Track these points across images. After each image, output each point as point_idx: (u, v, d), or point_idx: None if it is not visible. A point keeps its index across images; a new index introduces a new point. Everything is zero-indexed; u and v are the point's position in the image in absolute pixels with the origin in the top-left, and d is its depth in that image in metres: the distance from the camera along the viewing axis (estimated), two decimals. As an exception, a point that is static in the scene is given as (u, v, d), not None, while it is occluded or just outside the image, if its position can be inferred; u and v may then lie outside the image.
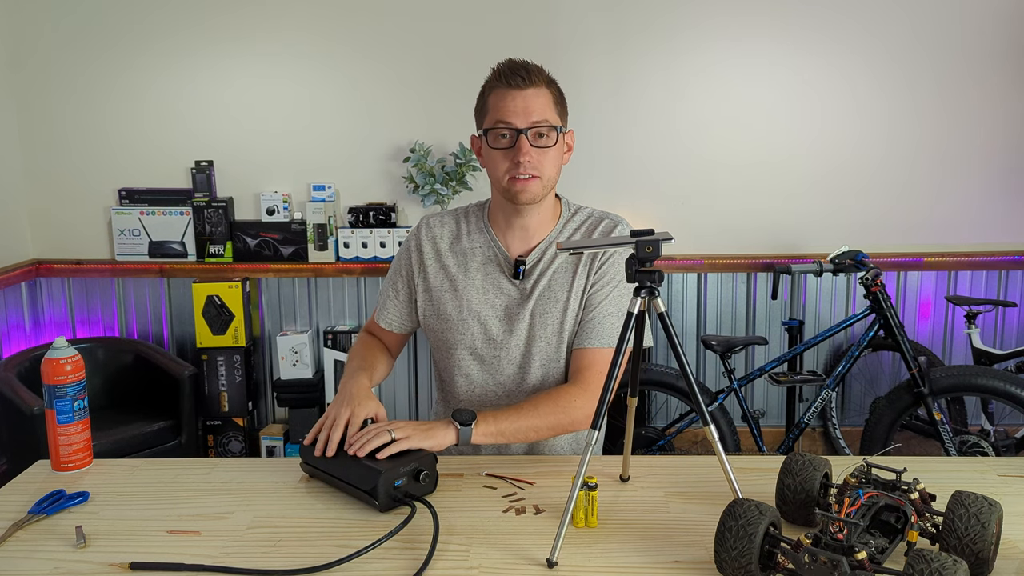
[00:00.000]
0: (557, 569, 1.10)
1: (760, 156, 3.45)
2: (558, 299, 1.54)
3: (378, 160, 3.47)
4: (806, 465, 1.18)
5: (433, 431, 1.37)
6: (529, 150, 1.47)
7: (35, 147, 3.48)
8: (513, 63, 1.51)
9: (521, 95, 1.48)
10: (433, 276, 1.62)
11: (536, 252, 1.56)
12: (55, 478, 1.41)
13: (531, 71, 1.49)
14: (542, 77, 1.51)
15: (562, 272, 1.55)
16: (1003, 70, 3.37)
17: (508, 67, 1.50)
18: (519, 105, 1.47)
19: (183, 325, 3.58)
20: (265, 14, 3.37)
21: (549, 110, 1.49)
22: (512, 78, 1.48)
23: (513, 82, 1.48)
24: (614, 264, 1.54)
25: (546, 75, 1.52)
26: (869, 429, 3.01)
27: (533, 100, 1.48)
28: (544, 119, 1.48)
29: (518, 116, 1.47)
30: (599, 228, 1.57)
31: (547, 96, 1.50)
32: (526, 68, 1.50)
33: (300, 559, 1.12)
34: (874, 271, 2.92)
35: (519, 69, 1.49)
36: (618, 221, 1.59)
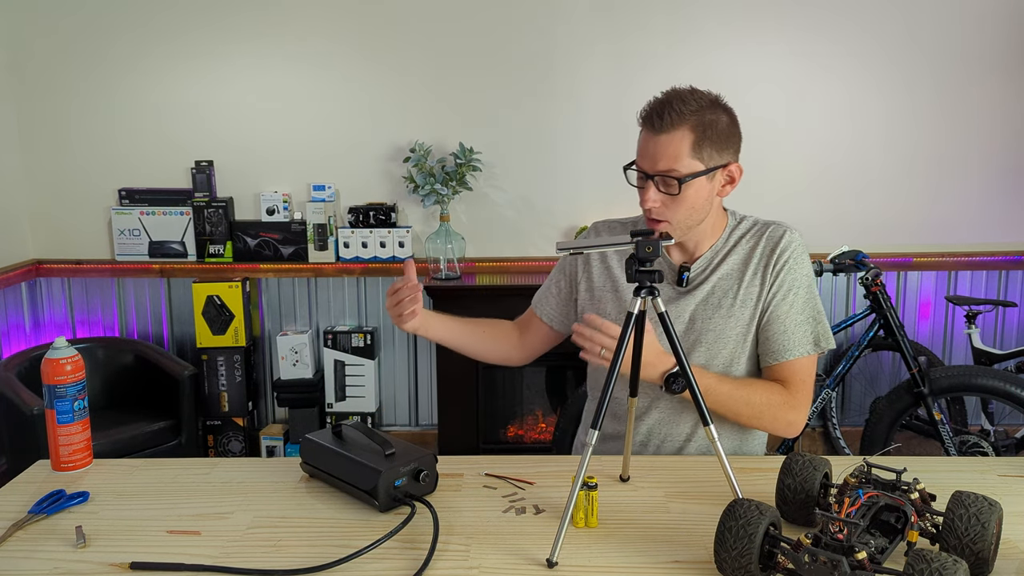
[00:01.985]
0: (557, 569, 1.09)
1: (760, 156, 3.44)
2: (721, 305, 1.52)
3: (378, 160, 3.47)
4: (806, 465, 1.18)
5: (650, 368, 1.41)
6: (655, 197, 1.43)
7: (35, 147, 3.48)
8: (656, 102, 1.43)
9: (654, 140, 1.41)
10: (597, 275, 1.62)
11: (700, 261, 1.54)
12: (55, 478, 1.41)
13: (668, 113, 1.40)
14: (683, 120, 1.40)
15: (727, 279, 1.53)
16: (1003, 70, 3.37)
17: (649, 106, 1.43)
18: (650, 150, 1.42)
19: (183, 325, 3.58)
20: (265, 15, 3.37)
21: (682, 158, 1.40)
22: (649, 119, 1.42)
23: (649, 124, 1.42)
24: (790, 271, 1.51)
25: (692, 116, 1.40)
26: (869, 429, 3.01)
27: (665, 147, 1.40)
28: (671, 169, 1.41)
29: (647, 161, 1.43)
30: (767, 236, 1.53)
31: (684, 141, 1.40)
32: (661, 110, 1.41)
33: (300, 559, 1.12)
34: (874, 271, 2.92)
35: (656, 110, 1.41)
36: (785, 228, 1.54)
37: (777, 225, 1.56)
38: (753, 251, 1.53)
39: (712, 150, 1.43)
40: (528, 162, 3.46)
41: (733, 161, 1.48)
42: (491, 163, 3.44)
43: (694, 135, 1.41)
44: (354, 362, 3.48)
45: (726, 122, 1.45)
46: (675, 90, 1.45)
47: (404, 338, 3.61)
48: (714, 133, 1.42)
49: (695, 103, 1.41)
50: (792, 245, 1.52)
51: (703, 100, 1.43)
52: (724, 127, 1.44)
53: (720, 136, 1.43)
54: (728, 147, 1.46)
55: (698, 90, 1.45)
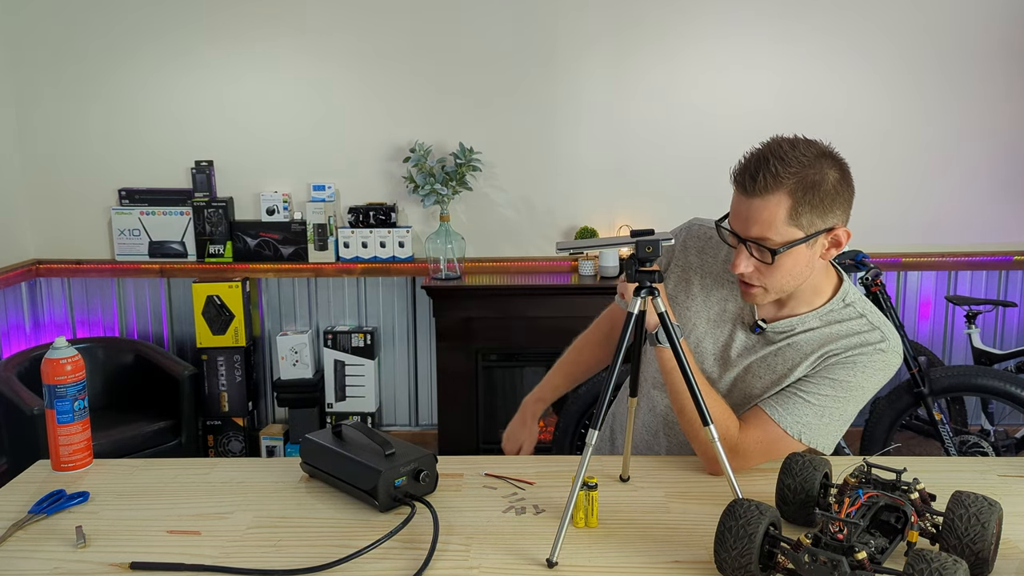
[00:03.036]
0: (557, 569, 1.09)
1: (760, 156, 3.45)
2: (775, 370, 1.40)
3: (378, 160, 3.47)
4: (806, 465, 1.17)
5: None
6: (747, 263, 1.31)
7: (35, 147, 3.48)
8: (751, 160, 1.28)
9: (748, 203, 1.28)
10: (675, 279, 1.51)
11: (784, 323, 1.40)
12: (55, 478, 1.41)
13: (763, 175, 1.25)
14: (781, 184, 1.25)
15: (795, 349, 1.39)
16: (1004, 70, 3.37)
17: (744, 162, 1.30)
18: (743, 212, 1.29)
19: (183, 325, 3.58)
20: (266, 15, 3.37)
21: (777, 225, 1.26)
22: (742, 180, 1.29)
23: (741, 185, 1.29)
24: (846, 370, 1.36)
25: (791, 180, 1.25)
26: (869, 429, 3.01)
27: (759, 212, 1.27)
28: (765, 237, 1.27)
29: (739, 223, 1.31)
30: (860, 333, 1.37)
31: (781, 207, 1.26)
32: (756, 171, 1.26)
33: (300, 559, 1.12)
34: (874, 271, 2.92)
35: (750, 171, 1.27)
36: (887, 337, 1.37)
37: (877, 328, 1.38)
38: (835, 337, 1.38)
39: (813, 215, 1.28)
40: (528, 162, 3.46)
41: (840, 224, 1.32)
42: (491, 163, 3.44)
43: (792, 200, 1.26)
44: (354, 362, 3.48)
45: (833, 181, 1.29)
46: (775, 144, 1.29)
47: (404, 338, 3.61)
48: (817, 196, 1.27)
49: (796, 162, 1.26)
50: (877, 355, 1.36)
51: (806, 157, 1.27)
52: (830, 188, 1.28)
53: (824, 199, 1.28)
54: (834, 209, 1.30)
55: (803, 141, 1.30)
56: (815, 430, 1.38)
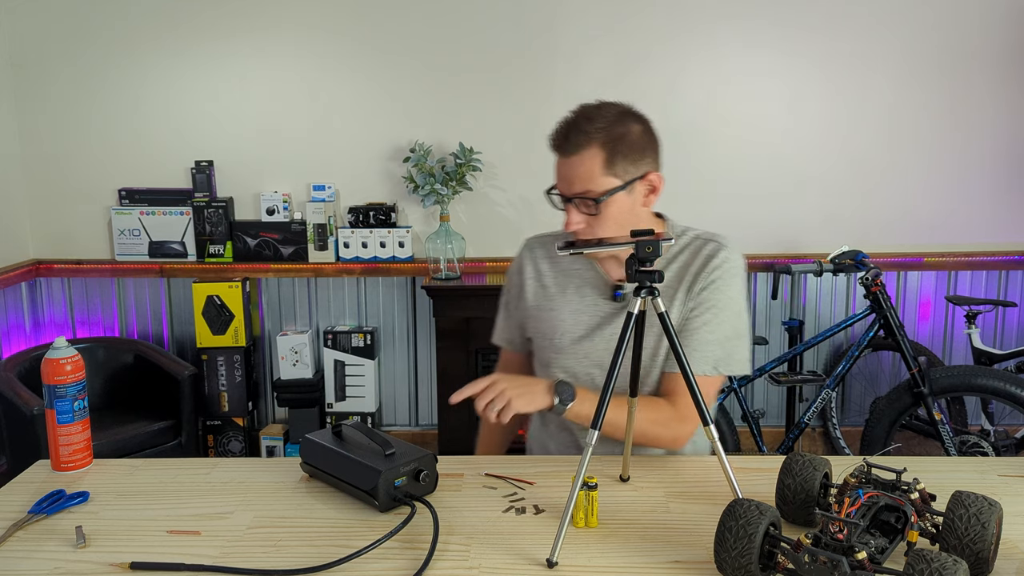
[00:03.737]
0: (557, 569, 1.09)
1: (760, 156, 3.45)
2: (652, 323, 1.46)
3: (378, 160, 3.47)
4: (806, 465, 1.18)
5: (532, 396, 1.37)
6: (578, 219, 1.42)
7: (35, 147, 3.48)
8: (562, 124, 1.42)
9: (567, 163, 1.41)
10: (532, 296, 1.61)
11: None
12: (55, 478, 1.41)
13: (573, 134, 1.39)
14: (591, 139, 1.38)
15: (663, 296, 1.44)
16: (1004, 70, 3.37)
17: (555, 130, 1.42)
18: (564, 173, 1.42)
19: (183, 325, 3.58)
20: (266, 14, 3.37)
21: (595, 177, 1.39)
22: (557, 143, 1.41)
23: (558, 147, 1.41)
24: (716, 290, 1.47)
25: (600, 133, 1.38)
26: (869, 429, 3.01)
27: (577, 168, 1.39)
28: (586, 190, 1.40)
29: (563, 184, 1.42)
30: (702, 252, 1.49)
31: (594, 160, 1.38)
32: (568, 132, 1.40)
33: (300, 559, 1.12)
34: (874, 271, 2.92)
35: (562, 132, 1.41)
36: (721, 245, 1.50)
37: (715, 242, 1.51)
38: (687, 267, 1.50)
39: (626, 163, 1.40)
40: (528, 162, 3.46)
41: (652, 170, 1.45)
42: (491, 163, 3.44)
43: (604, 152, 1.38)
44: (354, 362, 3.48)
45: (638, 132, 1.41)
46: (581, 108, 1.42)
47: (404, 338, 3.61)
48: (626, 146, 1.39)
49: (602, 119, 1.39)
50: (725, 264, 1.48)
51: (610, 113, 1.40)
52: (636, 138, 1.41)
53: (633, 148, 1.40)
54: (644, 157, 1.42)
55: (606, 103, 1.42)
56: (723, 358, 1.48)
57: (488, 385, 1.36)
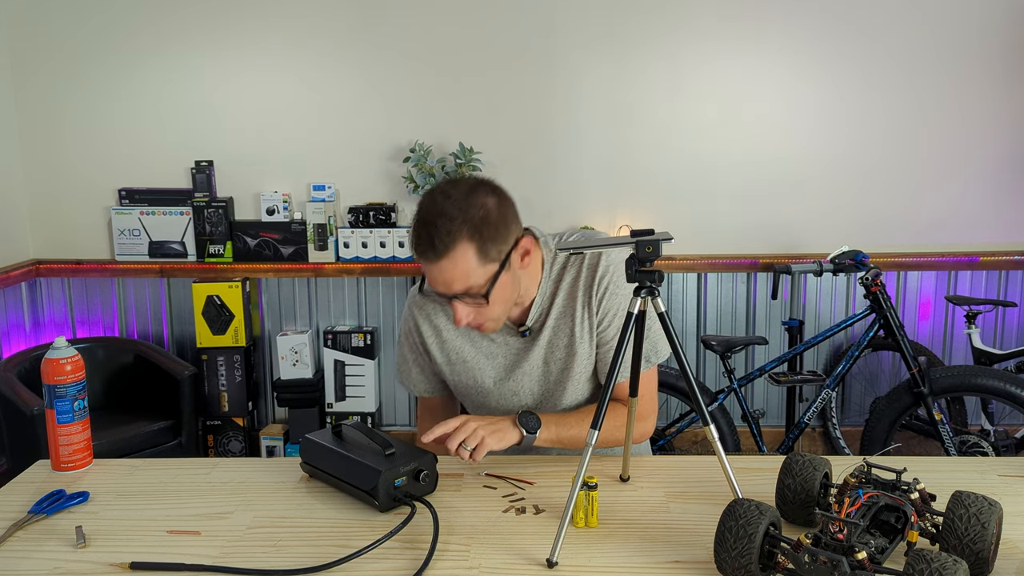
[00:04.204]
0: (557, 569, 1.09)
1: (760, 156, 3.45)
2: (562, 344, 1.51)
3: (378, 160, 3.47)
4: (806, 465, 1.18)
5: (503, 433, 1.39)
6: (466, 312, 1.38)
7: (35, 147, 3.48)
8: (418, 230, 1.32)
9: (437, 267, 1.33)
10: (439, 354, 1.58)
11: (534, 309, 1.50)
12: (55, 478, 1.41)
13: (439, 237, 1.30)
14: (456, 235, 1.30)
15: (562, 317, 1.50)
16: (1004, 69, 3.37)
17: (416, 234, 1.33)
18: (438, 278, 1.34)
19: (183, 325, 3.58)
20: (266, 14, 3.37)
21: (473, 272, 1.33)
22: (422, 250, 1.33)
23: (425, 254, 1.33)
24: (613, 295, 1.48)
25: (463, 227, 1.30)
26: (869, 429, 3.01)
27: (450, 271, 1.32)
28: (468, 287, 1.34)
29: (442, 286, 1.36)
30: (585, 264, 1.49)
31: (467, 255, 1.31)
32: (432, 236, 1.30)
33: (300, 559, 1.12)
34: (874, 271, 2.92)
35: (426, 239, 1.31)
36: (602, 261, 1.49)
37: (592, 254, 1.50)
38: (577, 282, 1.49)
39: (497, 244, 1.35)
40: (528, 162, 3.46)
41: (520, 235, 1.40)
42: (491, 163, 3.44)
43: (474, 243, 1.31)
44: (354, 362, 3.48)
45: (494, 205, 1.35)
46: (430, 204, 1.33)
47: (404, 338, 3.61)
48: (491, 227, 1.33)
49: (456, 210, 1.31)
50: (610, 268, 1.48)
51: (461, 201, 1.32)
52: (495, 214, 1.34)
53: (498, 225, 1.34)
54: (509, 227, 1.37)
55: (449, 187, 1.34)
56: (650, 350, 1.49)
57: (459, 425, 1.37)
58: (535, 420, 1.43)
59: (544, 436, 1.44)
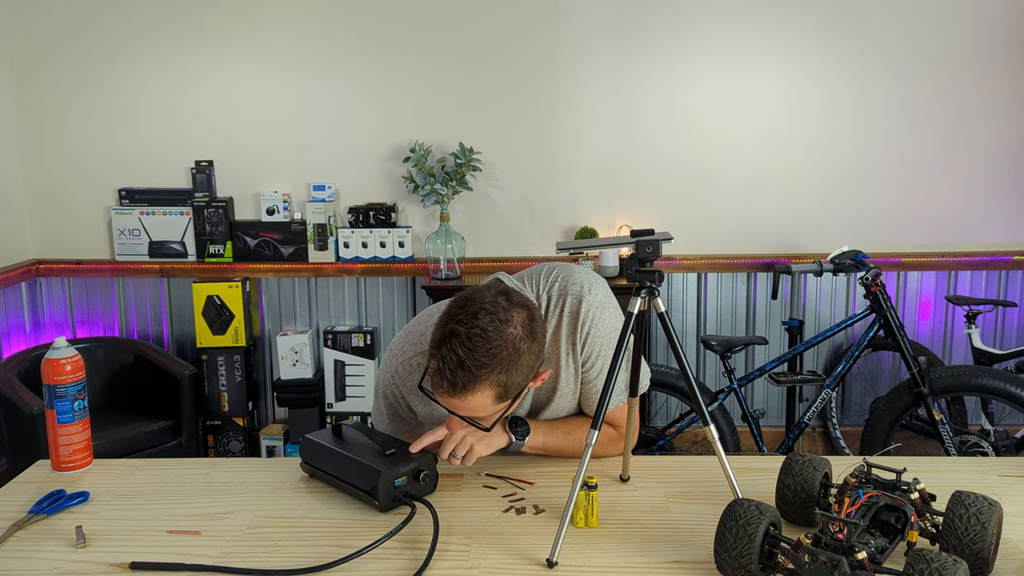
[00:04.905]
0: (557, 569, 1.09)
1: (760, 156, 3.45)
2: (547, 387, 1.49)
3: (378, 160, 3.47)
4: (806, 465, 1.18)
5: (492, 440, 1.39)
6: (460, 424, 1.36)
7: (35, 147, 3.48)
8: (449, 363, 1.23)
9: (450, 399, 1.27)
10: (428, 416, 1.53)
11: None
12: (55, 478, 1.41)
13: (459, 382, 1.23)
14: (480, 381, 1.24)
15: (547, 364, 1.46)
16: (1004, 70, 3.37)
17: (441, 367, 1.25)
18: (451, 403, 1.29)
19: (183, 325, 3.58)
20: (265, 14, 3.37)
21: (485, 409, 1.29)
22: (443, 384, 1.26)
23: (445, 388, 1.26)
24: (594, 339, 1.45)
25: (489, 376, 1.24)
26: (869, 429, 3.01)
27: (467, 404, 1.27)
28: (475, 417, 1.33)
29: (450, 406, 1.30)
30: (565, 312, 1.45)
31: (485, 398, 1.26)
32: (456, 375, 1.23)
33: (300, 559, 1.12)
34: (874, 271, 2.92)
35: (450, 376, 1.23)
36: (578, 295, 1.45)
37: (568, 295, 1.45)
38: (559, 332, 1.45)
39: (517, 384, 1.29)
40: (528, 162, 3.46)
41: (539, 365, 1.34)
42: (491, 163, 3.44)
43: (495, 390, 1.26)
44: (354, 362, 3.48)
45: (527, 356, 1.28)
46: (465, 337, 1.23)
47: (404, 338, 3.61)
48: (515, 371, 1.26)
49: (485, 350, 1.23)
50: (590, 312, 1.44)
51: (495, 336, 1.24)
52: (526, 364, 1.28)
53: (522, 367, 1.27)
54: (533, 365, 1.31)
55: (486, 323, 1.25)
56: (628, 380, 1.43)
57: (449, 433, 1.37)
58: (524, 426, 1.43)
59: (531, 443, 1.44)
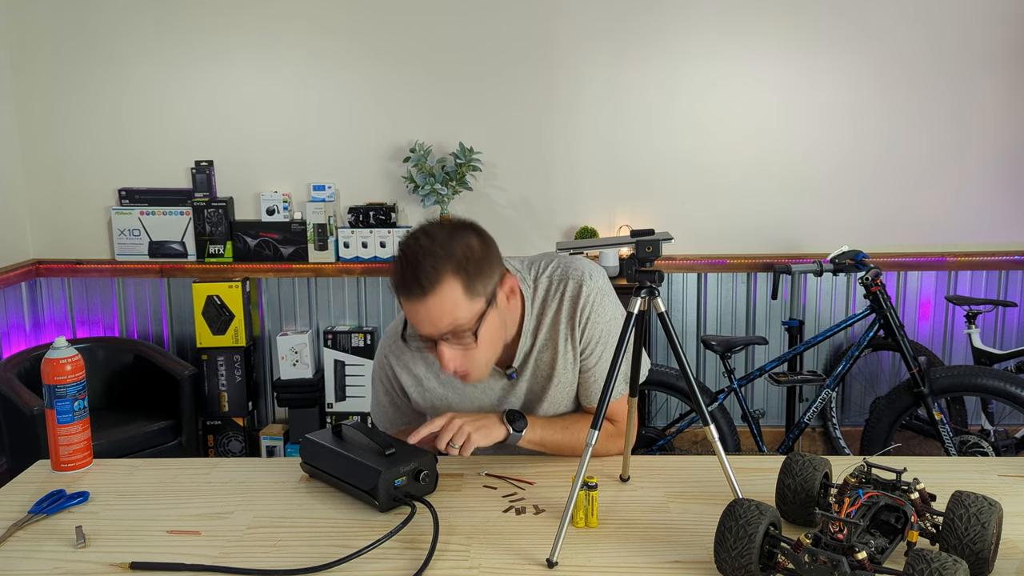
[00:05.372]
0: (557, 569, 1.09)
1: (760, 156, 3.45)
2: (543, 374, 1.50)
3: (378, 160, 3.47)
4: (806, 465, 1.17)
5: (490, 430, 1.39)
6: (452, 355, 1.34)
7: (35, 147, 3.48)
8: (404, 266, 1.28)
9: (423, 306, 1.28)
10: (421, 400, 1.55)
11: (519, 352, 1.49)
12: (55, 478, 1.41)
13: (424, 273, 1.26)
14: (441, 271, 1.27)
15: (544, 351, 1.49)
16: (1004, 70, 3.37)
17: (400, 272, 1.29)
18: (423, 317, 1.29)
19: (183, 325, 3.58)
20: (265, 14, 3.37)
21: (459, 308, 1.29)
22: (406, 288, 1.28)
23: (409, 292, 1.28)
24: (595, 324, 1.46)
25: (447, 262, 1.27)
26: (869, 429, 3.01)
27: (437, 308, 1.28)
28: (456, 325, 1.30)
29: (429, 326, 1.31)
30: (565, 296, 1.47)
31: (453, 291, 1.28)
32: (416, 272, 1.26)
33: (300, 559, 1.12)
34: (874, 271, 2.92)
35: (410, 276, 1.27)
36: (579, 280, 1.47)
37: (570, 279, 1.47)
38: (558, 316, 1.47)
39: (482, 280, 1.31)
40: (528, 162, 3.46)
41: (502, 272, 1.37)
42: (491, 163, 3.44)
43: (460, 278, 1.28)
44: (354, 362, 3.48)
45: (477, 244, 1.32)
46: (414, 244, 1.29)
47: (404, 338, 3.61)
48: (475, 264, 1.30)
49: (441, 248, 1.28)
50: (590, 297, 1.45)
51: (444, 240, 1.30)
52: (479, 250, 1.32)
53: (481, 263, 1.31)
54: (493, 265, 1.34)
55: (432, 229, 1.32)
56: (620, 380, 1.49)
57: (446, 423, 1.37)
58: (522, 419, 1.43)
59: (529, 437, 1.43)
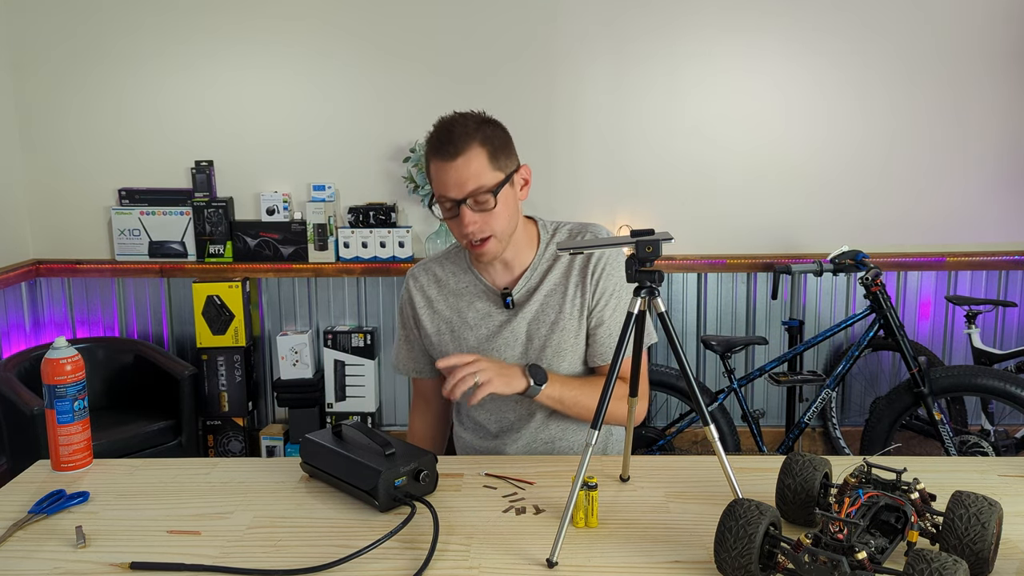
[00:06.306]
0: (557, 569, 1.09)
1: (760, 156, 3.45)
2: (550, 319, 1.56)
3: (378, 160, 3.47)
4: (806, 465, 1.18)
5: (510, 379, 1.44)
6: (473, 219, 1.46)
7: (35, 147, 3.48)
8: (440, 131, 1.47)
9: (452, 167, 1.44)
10: (429, 324, 1.64)
11: (522, 281, 1.58)
12: (55, 478, 1.41)
13: (456, 138, 1.45)
14: (471, 138, 1.45)
15: (552, 294, 1.56)
16: (1004, 70, 3.37)
17: (436, 137, 1.47)
18: (452, 178, 1.45)
19: (183, 325, 3.58)
20: (266, 14, 3.37)
21: (484, 174, 1.45)
22: (441, 150, 1.45)
23: (443, 154, 1.45)
24: (610, 276, 1.55)
25: (476, 133, 1.46)
26: (869, 429, 3.01)
27: (464, 170, 1.44)
28: (479, 186, 1.45)
29: (453, 189, 1.45)
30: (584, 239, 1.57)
31: (480, 158, 1.45)
32: (451, 136, 1.45)
33: (300, 559, 1.12)
34: (874, 271, 2.92)
35: (445, 139, 1.45)
36: (598, 232, 1.58)
37: (589, 231, 1.59)
38: (572, 261, 1.57)
39: (504, 158, 1.49)
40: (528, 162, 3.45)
41: (520, 164, 1.54)
42: (491, 163, 3.44)
43: (486, 148, 1.46)
44: (354, 362, 3.48)
45: (501, 130, 1.51)
46: (449, 118, 1.49)
47: (404, 338, 3.61)
48: (499, 141, 1.48)
49: (472, 121, 1.48)
50: (607, 251, 1.54)
51: (476, 117, 1.50)
52: (502, 134, 1.51)
53: (504, 143, 1.50)
54: (512, 152, 1.52)
55: (465, 112, 1.51)
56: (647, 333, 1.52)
57: (472, 360, 1.41)
58: (543, 374, 1.47)
59: (548, 392, 1.47)
